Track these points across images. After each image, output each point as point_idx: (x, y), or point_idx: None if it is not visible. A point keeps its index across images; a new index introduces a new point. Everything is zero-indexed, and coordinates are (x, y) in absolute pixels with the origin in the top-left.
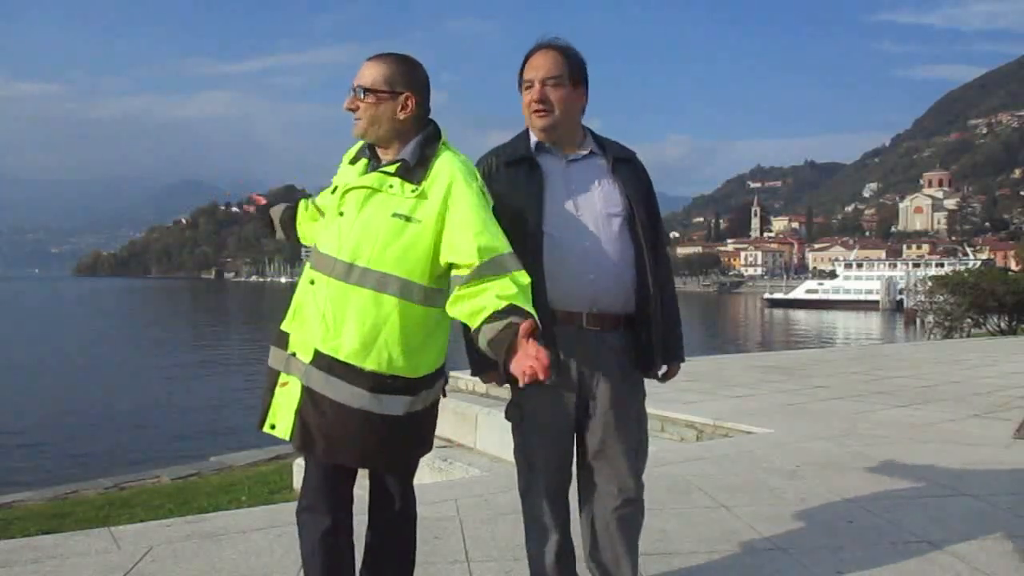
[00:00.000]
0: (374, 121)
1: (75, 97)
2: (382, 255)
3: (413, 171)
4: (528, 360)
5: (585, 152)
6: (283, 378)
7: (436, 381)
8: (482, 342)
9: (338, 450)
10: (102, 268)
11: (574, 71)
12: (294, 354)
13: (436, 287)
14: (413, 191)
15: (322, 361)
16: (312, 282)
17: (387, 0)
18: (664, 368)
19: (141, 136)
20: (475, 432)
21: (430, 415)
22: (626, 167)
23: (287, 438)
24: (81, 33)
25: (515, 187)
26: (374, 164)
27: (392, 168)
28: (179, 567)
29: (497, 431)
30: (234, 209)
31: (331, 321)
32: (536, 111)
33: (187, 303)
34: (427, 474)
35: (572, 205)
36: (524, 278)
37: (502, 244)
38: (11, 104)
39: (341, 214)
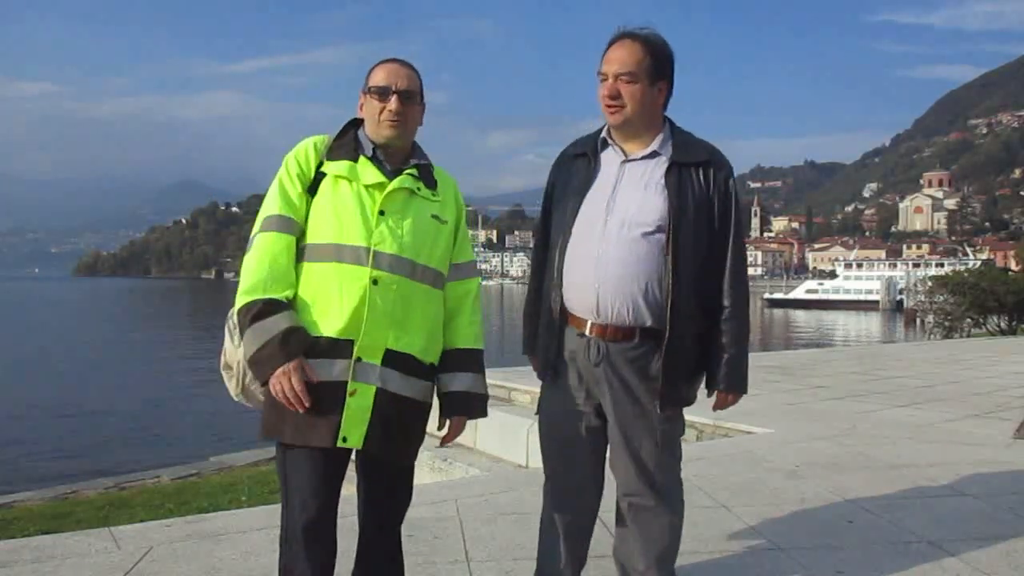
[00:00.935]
0: (412, 127)
1: (75, 97)
2: (433, 252)
3: (431, 176)
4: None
5: (647, 152)
6: (351, 386)
7: None
8: (446, 386)
9: (411, 449)
10: (102, 268)
11: (655, 65)
12: (359, 359)
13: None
14: (433, 195)
15: (396, 360)
16: (376, 282)
17: (387, 0)
18: (714, 394)
19: (141, 136)
20: (475, 432)
21: None
22: (686, 171)
23: (359, 447)
24: (81, 32)
25: (569, 181)
26: (389, 166)
27: (415, 171)
28: (179, 567)
29: (497, 431)
30: (234, 209)
31: (402, 319)
32: (608, 107)
33: (187, 303)
34: (427, 474)
35: (604, 208)
36: (475, 284)
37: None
38: (11, 104)
39: (382, 213)
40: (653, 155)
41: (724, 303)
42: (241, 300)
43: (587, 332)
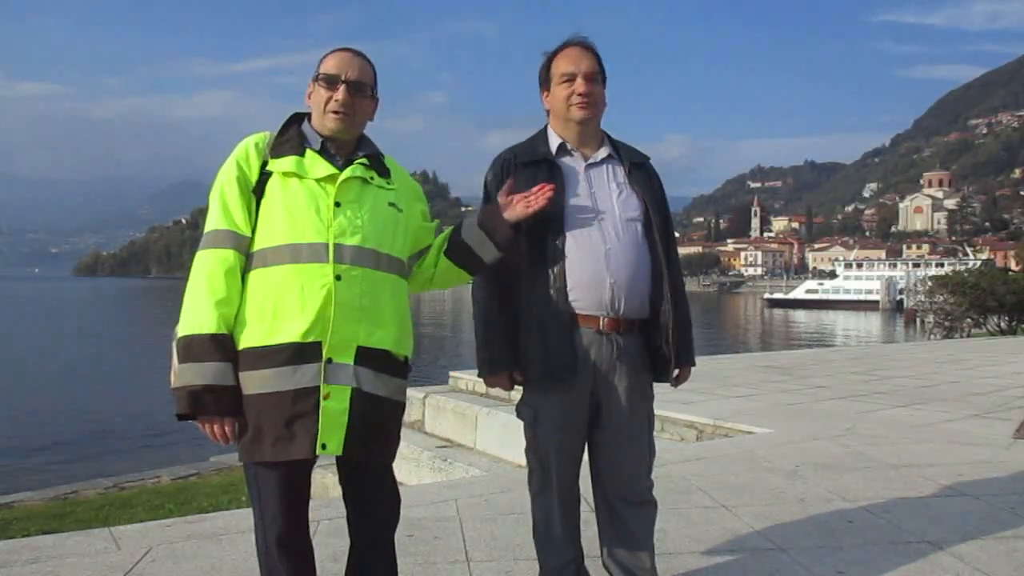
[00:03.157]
0: (361, 120)
1: (75, 97)
2: (394, 241)
3: (383, 166)
4: (522, 199)
5: (603, 155)
6: (324, 390)
7: None
8: (469, 232)
9: (391, 449)
10: (102, 268)
11: (603, 71)
12: (330, 360)
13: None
14: (388, 183)
15: (369, 358)
16: (339, 277)
17: (387, 0)
18: (676, 372)
19: (141, 136)
20: (475, 432)
21: None
22: (641, 172)
23: (339, 452)
24: (81, 33)
25: (532, 187)
26: (340, 158)
27: (367, 161)
28: (179, 567)
29: (497, 431)
30: None
31: (372, 313)
32: (580, 104)
33: None
34: (427, 474)
35: (593, 210)
36: None
37: None
38: (11, 104)
39: (338, 204)
40: (610, 157)
41: (676, 284)
42: (181, 329)
43: (602, 328)
